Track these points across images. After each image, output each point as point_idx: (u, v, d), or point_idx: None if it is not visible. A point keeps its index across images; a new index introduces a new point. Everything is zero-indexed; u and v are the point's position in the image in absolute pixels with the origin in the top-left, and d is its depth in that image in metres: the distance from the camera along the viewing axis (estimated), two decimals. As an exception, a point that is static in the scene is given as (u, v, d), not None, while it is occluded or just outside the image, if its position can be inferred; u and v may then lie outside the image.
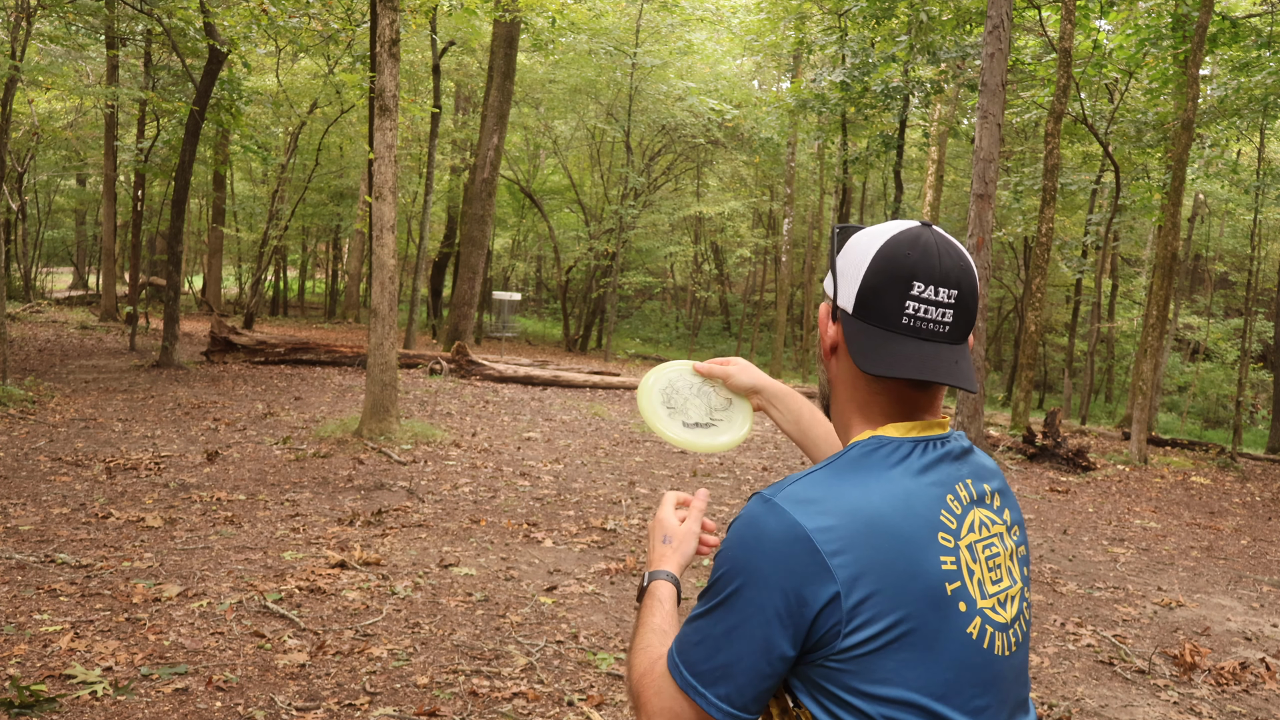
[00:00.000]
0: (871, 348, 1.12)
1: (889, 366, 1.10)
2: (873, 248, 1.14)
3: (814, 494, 1.06)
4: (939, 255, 1.12)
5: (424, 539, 5.51)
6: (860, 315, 1.14)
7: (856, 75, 16.34)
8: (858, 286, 1.14)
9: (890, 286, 1.11)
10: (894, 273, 1.11)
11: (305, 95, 19.47)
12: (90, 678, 3.35)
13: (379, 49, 8.62)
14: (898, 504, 1.07)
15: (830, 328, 1.20)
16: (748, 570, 1.04)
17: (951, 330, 1.12)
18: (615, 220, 22.03)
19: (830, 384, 1.22)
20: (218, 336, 13.28)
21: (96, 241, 29.02)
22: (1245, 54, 14.60)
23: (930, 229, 1.15)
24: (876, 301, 1.12)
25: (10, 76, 11.77)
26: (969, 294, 1.13)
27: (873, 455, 1.11)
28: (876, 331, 1.12)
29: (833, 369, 1.21)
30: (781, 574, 1.03)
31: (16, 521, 5.24)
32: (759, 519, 1.06)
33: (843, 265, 1.17)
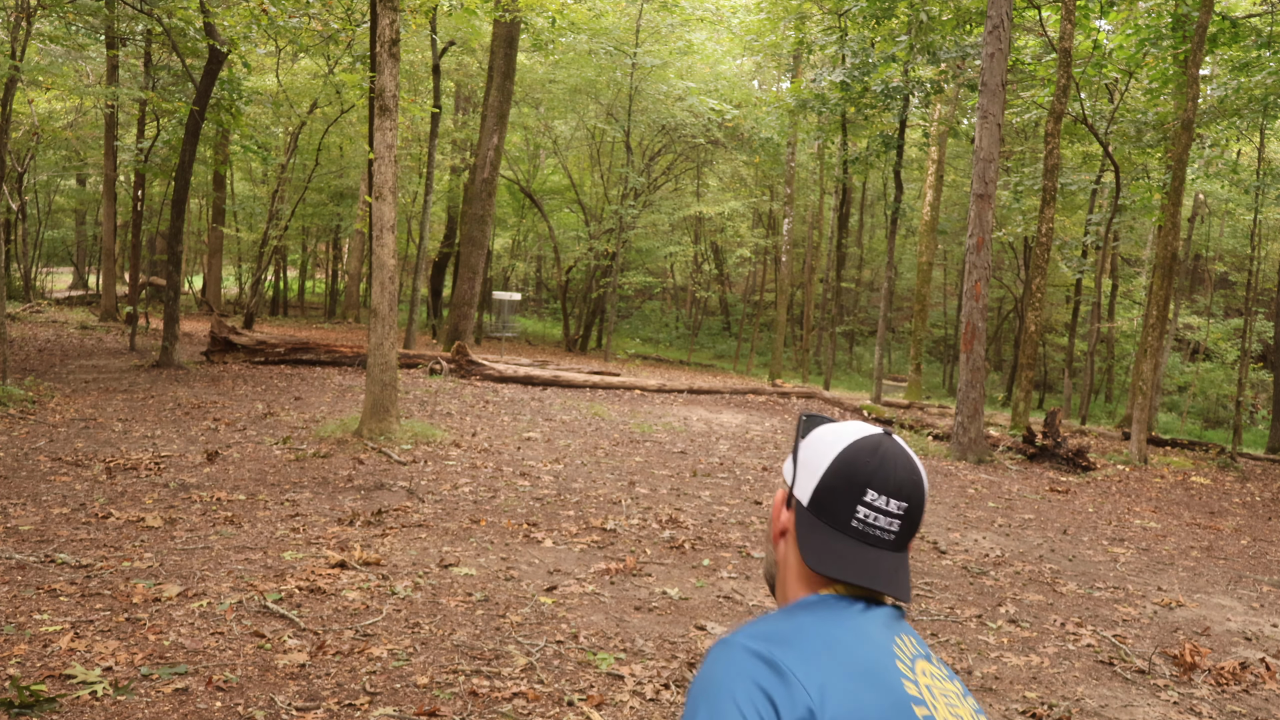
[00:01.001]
0: (819, 545, 1.17)
1: (832, 567, 1.15)
2: (835, 449, 1.20)
3: (776, 632, 1.10)
4: (895, 468, 1.17)
5: (424, 539, 5.51)
6: (814, 511, 1.19)
7: (856, 75, 16.34)
8: (815, 484, 1.19)
9: (845, 490, 1.17)
10: (851, 478, 1.17)
11: (305, 95, 19.47)
12: (90, 678, 3.35)
13: (379, 49, 8.62)
14: (854, 637, 1.12)
15: (784, 513, 1.25)
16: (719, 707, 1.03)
17: (896, 540, 1.17)
18: (615, 220, 22.03)
19: (777, 563, 1.26)
20: (218, 336, 13.28)
21: (96, 241, 29.02)
22: (1245, 54, 14.60)
23: (890, 438, 1.21)
24: (831, 502, 1.18)
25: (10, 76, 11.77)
26: (917, 507, 1.19)
27: (824, 602, 1.17)
28: (825, 529, 1.18)
29: (780, 550, 1.26)
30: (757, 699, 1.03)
31: (16, 521, 5.24)
32: (725, 663, 1.07)
33: (804, 457, 1.23)
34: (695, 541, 5.96)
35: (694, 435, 10.65)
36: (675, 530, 6.21)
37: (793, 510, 1.23)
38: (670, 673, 3.86)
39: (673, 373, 19.47)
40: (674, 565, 5.44)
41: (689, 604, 4.77)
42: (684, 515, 6.65)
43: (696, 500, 7.25)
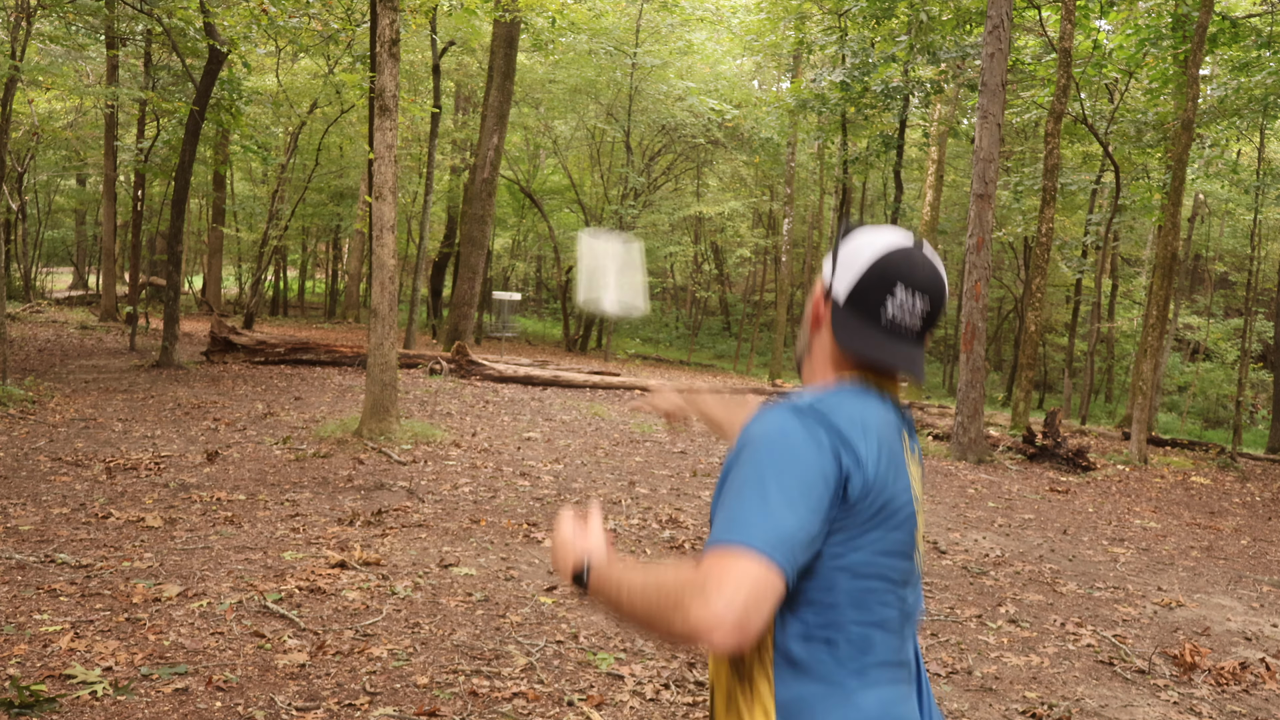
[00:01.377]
0: (853, 333, 1.36)
1: (862, 348, 1.34)
2: (873, 253, 1.36)
3: (831, 402, 1.30)
4: (922, 271, 1.35)
5: (424, 539, 5.51)
6: (849, 305, 1.37)
7: (856, 75, 16.34)
8: (853, 282, 1.36)
9: (878, 287, 1.34)
10: (884, 276, 1.34)
11: (305, 95, 19.47)
12: (90, 678, 3.35)
13: (379, 49, 8.62)
14: (884, 425, 1.33)
15: (821, 306, 1.42)
16: (795, 451, 1.22)
17: (919, 333, 1.37)
18: (615, 220, 22.03)
19: (809, 347, 1.46)
20: (218, 336, 13.28)
21: (96, 241, 29.02)
22: (1245, 54, 14.60)
23: (921, 247, 1.38)
24: (864, 297, 1.35)
25: (10, 76, 11.77)
26: (938, 306, 1.37)
27: (863, 391, 1.36)
28: (858, 322, 1.36)
29: (815, 338, 1.44)
30: (825, 450, 1.24)
31: (16, 521, 5.24)
32: (794, 418, 1.26)
33: (845, 257, 1.39)
34: (695, 541, 5.96)
35: (694, 435, 10.65)
36: (675, 530, 6.21)
37: (829, 303, 1.40)
38: (670, 672, 3.86)
39: (673, 373, 19.47)
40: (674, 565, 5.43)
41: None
42: (684, 515, 6.65)
43: (696, 500, 7.25)
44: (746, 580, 1.11)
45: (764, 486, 1.19)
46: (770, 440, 1.24)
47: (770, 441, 1.23)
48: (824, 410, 1.27)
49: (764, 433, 1.25)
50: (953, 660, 4.32)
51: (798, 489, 1.19)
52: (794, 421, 1.25)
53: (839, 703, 1.26)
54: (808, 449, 1.22)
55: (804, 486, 1.20)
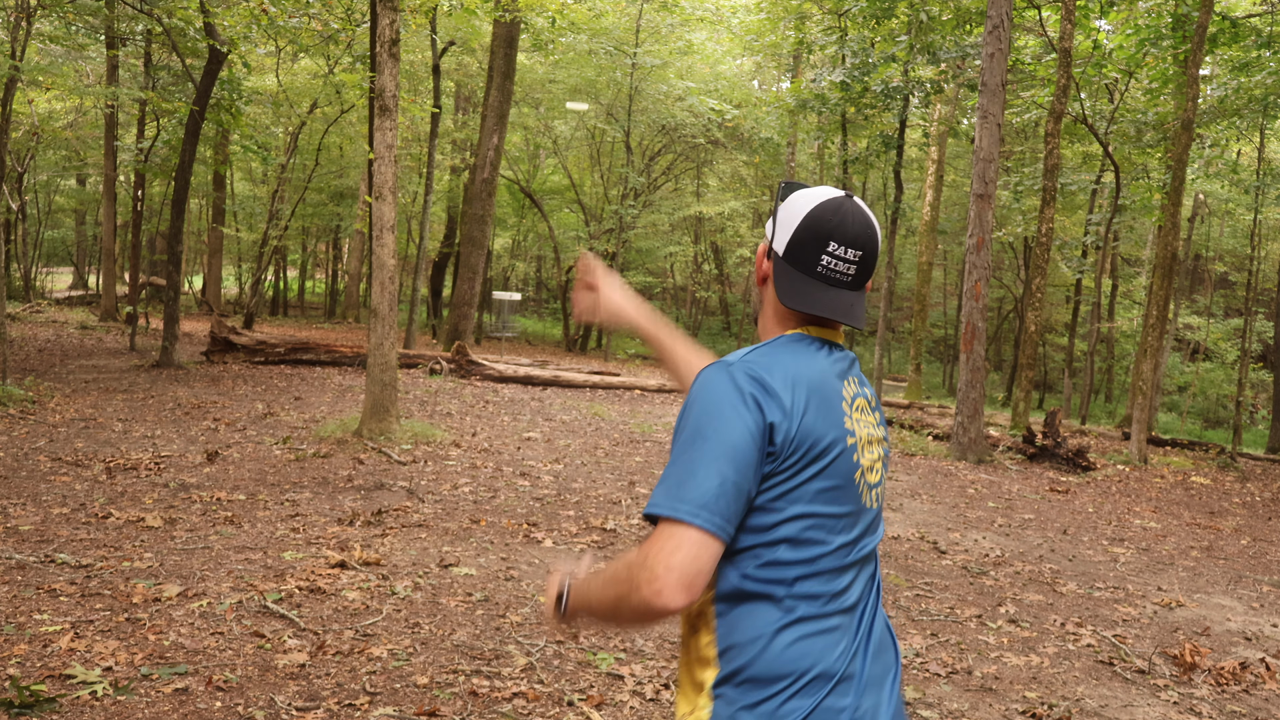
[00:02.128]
0: (792, 287, 1.46)
1: (803, 303, 1.44)
2: (805, 208, 1.46)
3: (766, 357, 1.40)
4: (852, 223, 1.44)
5: (424, 539, 5.51)
6: (788, 259, 1.47)
7: (856, 75, 16.34)
8: (789, 237, 1.47)
9: (813, 242, 1.45)
10: (817, 231, 1.45)
11: (305, 95, 19.46)
12: (90, 678, 3.35)
13: (379, 49, 8.62)
14: (817, 373, 1.42)
15: (764, 262, 1.53)
16: (723, 410, 1.32)
17: (853, 281, 1.45)
18: (615, 220, 22.02)
19: (759, 303, 1.57)
20: (218, 336, 13.28)
21: (96, 241, 29.02)
22: (1245, 54, 14.59)
23: (850, 199, 1.47)
24: (801, 252, 1.46)
25: (10, 76, 11.77)
26: (870, 255, 1.46)
27: (798, 343, 1.46)
28: (797, 274, 1.46)
29: (762, 293, 1.55)
30: (746, 408, 1.32)
31: (16, 521, 5.24)
32: (721, 375, 1.35)
33: (783, 215, 1.49)
34: (695, 541, 5.95)
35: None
36: (675, 530, 6.21)
37: (771, 260, 1.51)
38: (670, 673, 3.86)
39: (673, 373, 19.43)
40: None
41: (689, 604, 4.77)
42: (684, 515, 6.65)
43: (696, 500, 7.24)
44: (681, 547, 1.26)
45: (693, 450, 1.30)
46: (701, 400, 1.34)
47: (701, 401, 1.34)
48: (751, 364, 1.36)
49: (697, 393, 1.35)
50: (953, 660, 4.32)
51: (724, 447, 1.29)
52: (723, 378, 1.34)
53: (763, 645, 1.34)
54: (734, 405, 1.31)
55: (729, 444, 1.29)
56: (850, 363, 1.52)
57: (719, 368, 1.37)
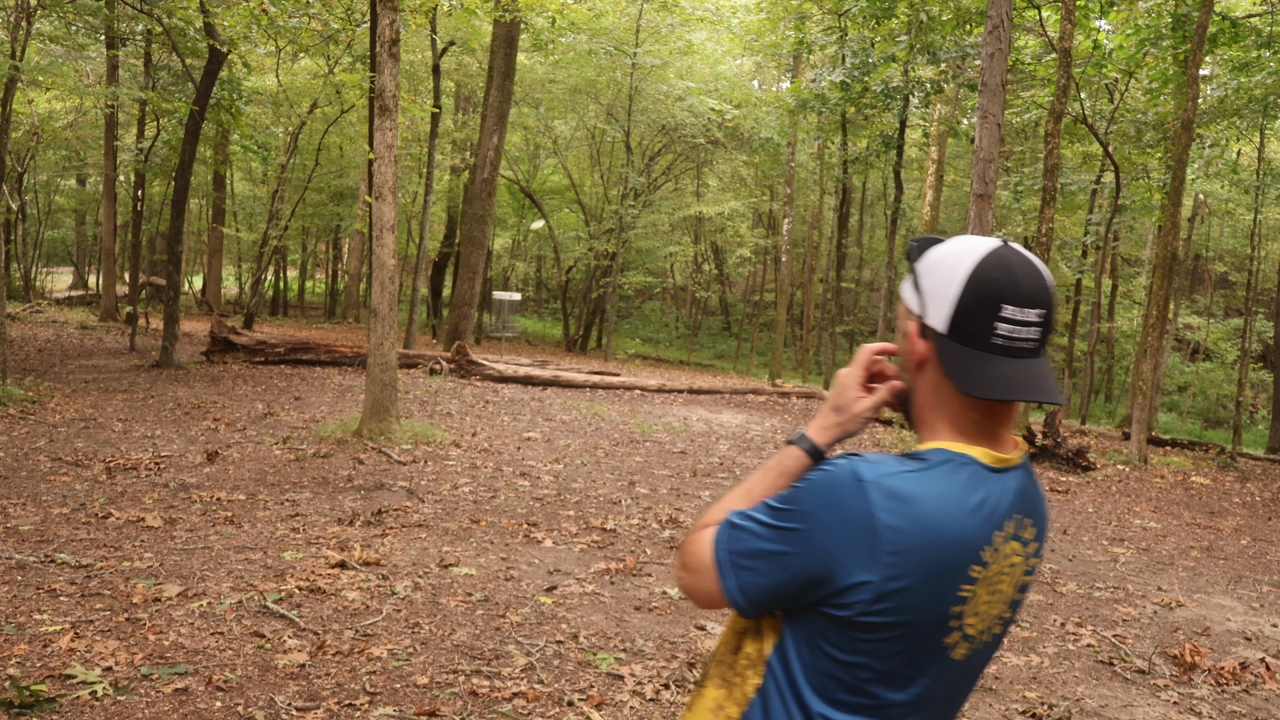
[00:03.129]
0: (966, 368, 1.20)
1: (986, 388, 1.18)
2: (961, 270, 1.20)
3: (907, 492, 1.16)
4: (1024, 277, 1.19)
5: (424, 539, 5.51)
6: (953, 336, 1.21)
7: (856, 75, 16.34)
8: (951, 309, 1.21)
9: (983, 311, 1.19)
10: (986, 296, 1.18)
11: (305, 95, 19.46)
12: (90, 678, 3.35)
13: (379, 49, 8.62)
14: (958, 534, 1.17)
15: (919, 344, 1.26)
16: (818, 525, 1.17)
17: (1037, 346, 1.21)
18: (615, 220, 22.02)
19: (914, 391, 1.29)
20: (218, 336, 13.28)
21: (96, 241, 29.02)
22: (1245, 54, 14.59)
23: (1010, 248, 1.22)
24: (970, 325, 1.19)
25: (10, 76, 11.77)
26: (1051, 310, 1.21)
27: (960, 472, 1.20)
28: (970, 352, 1.20)
29: (920, 382, 1.28)
30: (840, 545, 1.16)
31: (16, 521, 5.24)
32: (846, 491, 1.16)
33: (929, 285, 1.24)
34: (695, 541, 5.96)
35: (694, 435, 10.65)
36: (675, 530, 6.21)
37: (929, 339, 1.24)
38: (670, 673, 3.86)
39: (673, 373, 19.46)
40: (674, 565, 5.44)
41: (689, 604, 4.77)
42: (684, 515, 6.65)
43: (696, 500, 7.25)
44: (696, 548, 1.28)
45: (774, 527, 1.20)
46: (810, 499, 1.18)
47: (810, 499, 1.18)
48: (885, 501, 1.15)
49: (813, 488, 1.19)
50: (953, 660, 4.32)
51: (788, 554, 1.18)
52: (847, 492, 1.16)
53: None
54: (826, 531, 1.16)
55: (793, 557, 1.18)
56: (1016, 495, 1.25)
57: (850, 475, 1.17)
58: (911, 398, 1.30)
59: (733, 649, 1.31)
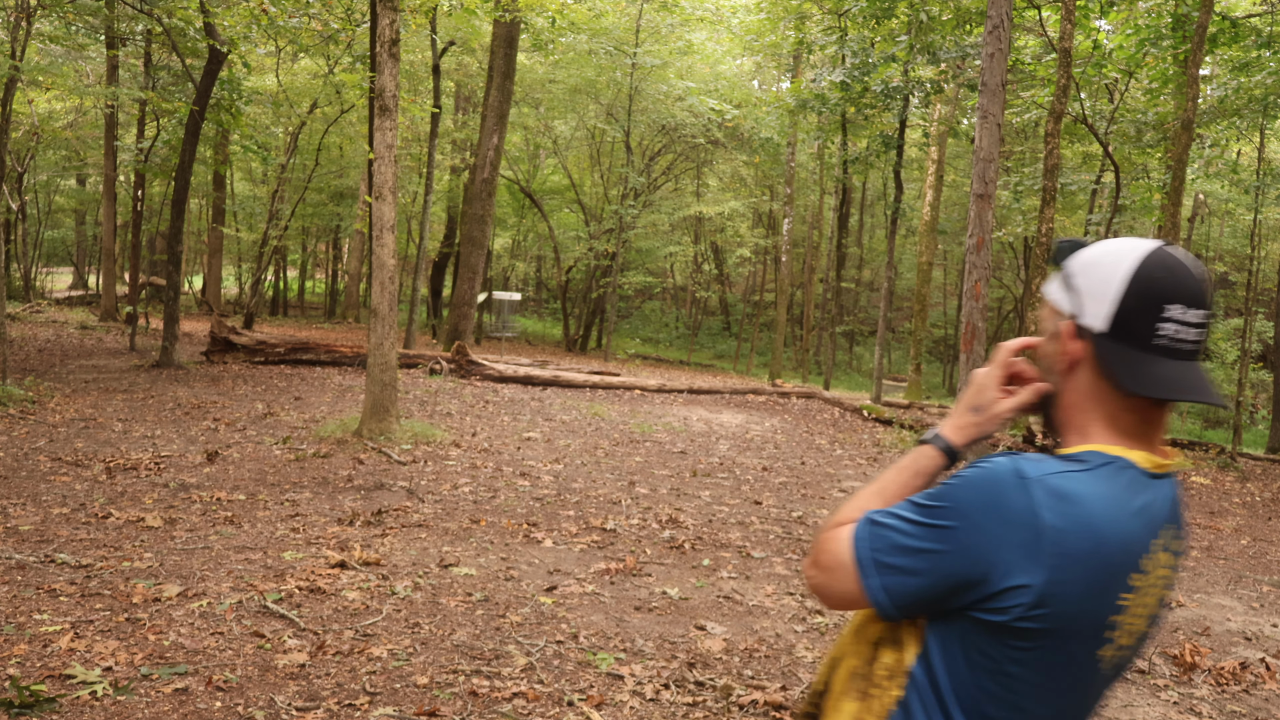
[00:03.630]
0: (1129, 368, 1.18)
1: (1150, 387, 1.16)
2: (1124, 269, 1.18)
3: (1072, 492, 1.13)
4: (1186, 277, 1.18)
5: (424, 539, 5.51)
6: (1114, 336, 1.19)
7: (856, 75, 16.33)
8: (1113, 309, 1.19)
9: (1146, 310, 1.17)
10: (1149, 297, 1.17)
11: (305, 95, 19.47)
12: (90, 678, 3.35)
13: (379, 49, 8.62)
14: (1123, 539, 1.15)
15: (1073, 344, 1.23)
16: (974, 523, 1.13)
17: (1196, 349, 1.19)
18: (615, 220, 22.02)
19: (1061, 393, 1.27)
20: (218, 336, 13.27)
21: (96, 241, 29.02)
22: (1245, 54, 14.59)
23: (1169, 249, 1.20)
24: (1132, 324, 1.18)
25: (10, 76, 11.77)
26: (1210, 309, 1.20)
27: (1121, 476, 1.17)
28: (1132, 352, 1.18)
29: (1070, 384, 1.25)
30: (1000, 544, 1.12)
31: (16, 521, 5.24)
32: (1009, 487, 1.13)
33: (1086, 284, 1.22)
34: (695, 541, 5.96)
35: (694, 435, 10.65)
36: (675, 530, 6.21)
37: (1084, 341, 1.22)
38: (670, 673, 3.86)
39: (673, 373, 19.46)
40: (674, 565, 5.44)
41: (689, 604, 4.77)
42: (684, 515, 6.65)
43: (696, 500, 7.25)
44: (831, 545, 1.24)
45: (923, 524, 1.16)
46: (966, 495, 1.14)
47: (965, 496, 1.14)
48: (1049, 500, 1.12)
49: (968, 485, 1.15)
50: (953, 660, 4.31)
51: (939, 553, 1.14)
52: (1008, 490, 1.13)
53: None
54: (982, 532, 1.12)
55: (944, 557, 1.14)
56: (1171, 503, 1.24)
57: (1012, 472, 1.14)
58: (1057, 400, 1.27)
59: (868, 659, 1.26)
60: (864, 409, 14.19)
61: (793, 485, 8.25)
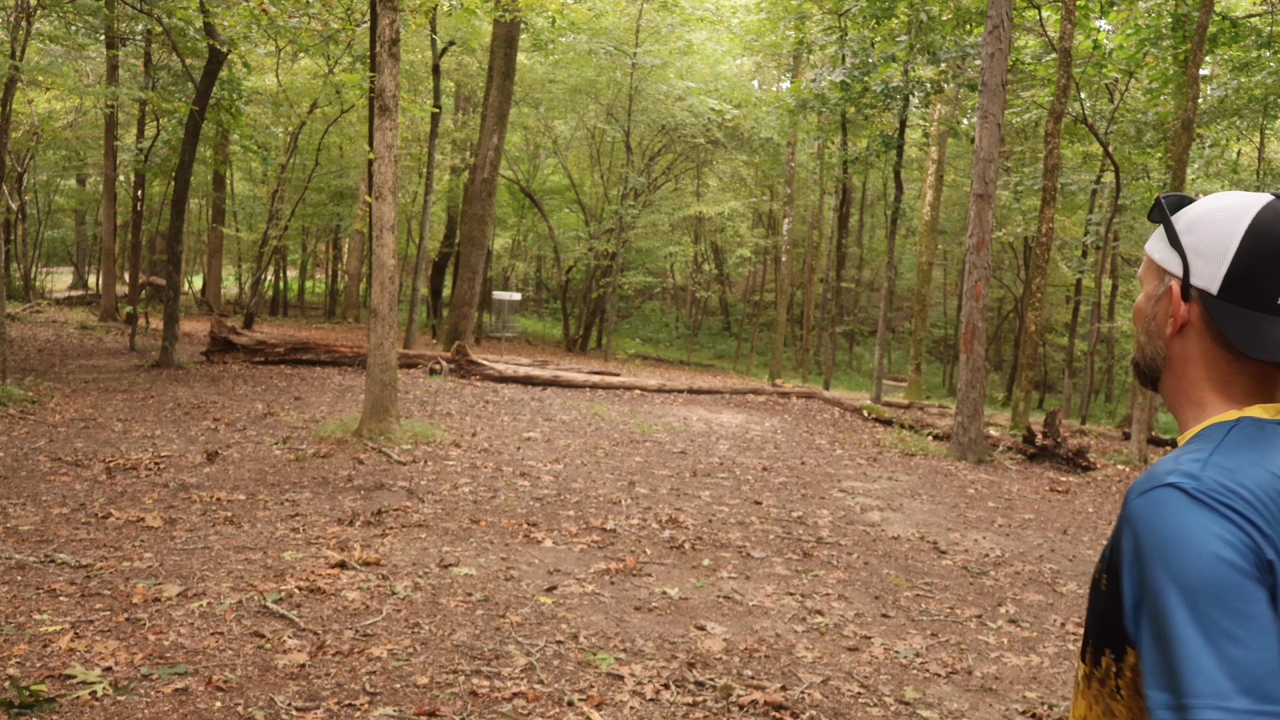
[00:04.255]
0: (1247, 330, 1.09)
1: (1271, 350, 1.07)
2: (1239, 226, 1.11)
3: (1230, 475, 1.03)
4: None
5: (424, 539, 5.51)
6: (1228, 297, 1.10)
7: (856, 75, 16.34)
8: (1226, 267, 1.10)
9: (1265, 268, 1.09)
10: (1268, 254, 1.09)
11: (305, 95, 19.47)
12: (90, 678, 3.35)
13: (379, 49, 8.62)
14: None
15: (1182, 307, 1.14)
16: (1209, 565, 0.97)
17: None
18: (615, 220, 22.03)
19: (1169, 360, 1.18)
20: (218, 336, 13.28)
21: (96, 241, 29.02)
22: (1245, 54, 14.60)
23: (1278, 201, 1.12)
24: (1250, 283, 1.09)
25: (10, 76, 11.77)
26: None
27: (1259, 436, 1.09)
28: (1249, 313, 1.09)
29: (1178, 347, 1.17)
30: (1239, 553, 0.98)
31: (16, 521, 5.24)
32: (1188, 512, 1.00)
33: (1195, 242, 1.14)
34: (695, 541, 5.96)
35: (694, 435, 10.65)
36: (675, 530, 6.21)
37: (1194, 303, 1.13)
38: (670, 673, 3.86)
39: (673, 373, 19.46)
40: (674, 565, 5.44)
41: (689, 604, 4.77)
42: (684, 515, 6.65)
43: (696, 500, 7.25)
44: None
45: (1196, 620, 0.95)
46: (1176, 554, 0.98)
47: (1178, 557, 0.98)
48: (1223, 485, 1.01)
49: (1163, 543, 1.00)
50: (953, 660, 4.32)
51: (1234, 605, 0.95)
52: (1193, 518, 0.99)
53: None
54: (1224, 555, 0.97)
55: (1238, 598, 0.95)
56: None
57: (1177, 497, 1.01)
58: (1166, 365, 1.19)
59: None
60: (864, 409, 14.19)
61: (793, 485, 8.25)
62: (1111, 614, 1.09)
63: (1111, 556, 1.09)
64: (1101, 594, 1.12)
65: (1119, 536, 1.08)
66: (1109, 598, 1.10)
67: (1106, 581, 1.10)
